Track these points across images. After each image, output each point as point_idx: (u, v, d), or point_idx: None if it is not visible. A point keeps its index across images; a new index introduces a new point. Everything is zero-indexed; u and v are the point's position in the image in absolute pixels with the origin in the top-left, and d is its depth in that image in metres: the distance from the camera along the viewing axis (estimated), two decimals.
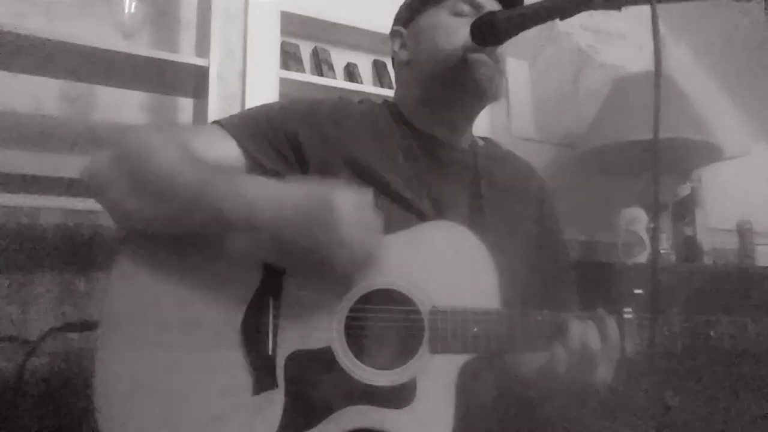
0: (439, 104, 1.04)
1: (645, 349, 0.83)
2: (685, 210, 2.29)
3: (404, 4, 1.12)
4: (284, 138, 0.94)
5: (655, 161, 0.69)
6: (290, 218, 0.76)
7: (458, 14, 1.00)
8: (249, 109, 1.01)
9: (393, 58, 1.13)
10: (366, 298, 0.84)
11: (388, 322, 0.84)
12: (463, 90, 0.99)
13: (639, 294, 0.90)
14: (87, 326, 1.17)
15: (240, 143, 0.92)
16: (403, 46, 1.09)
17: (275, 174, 0.91)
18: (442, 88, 1.01)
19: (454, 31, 0.99)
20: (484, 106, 1.06)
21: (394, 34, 1.11)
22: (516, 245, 1.01)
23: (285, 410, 0.77)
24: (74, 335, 1.21)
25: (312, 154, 0.94)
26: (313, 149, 0.95)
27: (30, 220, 1.61)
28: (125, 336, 0.79)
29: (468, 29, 0.96)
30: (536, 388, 0.92)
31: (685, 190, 2.31)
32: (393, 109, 1.08)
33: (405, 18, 1.09)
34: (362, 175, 0.94)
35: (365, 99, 1.11)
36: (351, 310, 0.83)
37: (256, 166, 0.92)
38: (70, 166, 1.64)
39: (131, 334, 0.79)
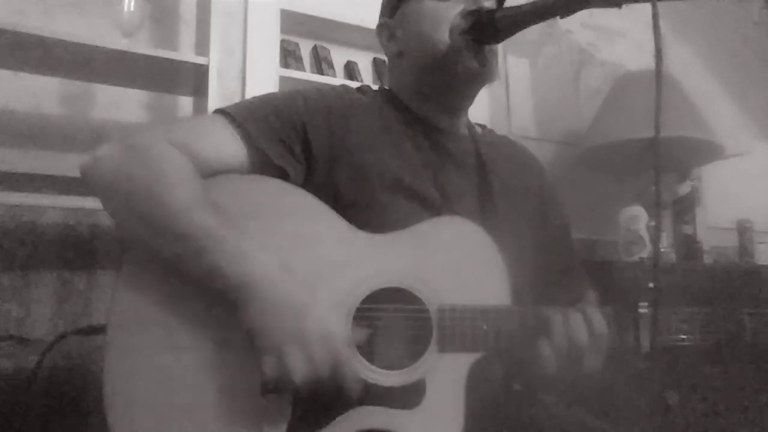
0: (436, 93, 1.02)
1: (651, 346, 0.81)
2: (685, 208, 2.29)
3: None
4: (293, 131, 0.92)
5: (657, 159, 0.69)
6: (268, 307, 0.75)
7: None
8: (255, 99, 0.97)
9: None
10: (373, 297, 0.82)
11: (396, 321, 0.83)
12: (457, 76, 0.98)
13: (651, 289, 0.90)
14: (96, 330, 1.17)
15: (248, 138, 0.89)
16: (391, 38, 1.06)
17: (281, 172, 0.90)
18: (437, 76, 1.00)
19: (439, 17, 0.97)
20: (480, 88, 1.04)
21: (380, 27, 1.09)
22: (525, 231, 1.01)
23: (293, 412, 0.76)
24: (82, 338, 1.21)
25: (319, 148, 0.93)
26: (321, 143, 0.93)
27: (30, 219, 1.60)
28: (133, 340, 0.78)
29: (453, 11, 0.95)
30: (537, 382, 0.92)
31: (685, 188, 2.31)
32: (391, 96, 1.07)
33: (389, 9, 1.07)
34: (369, 169, 0.93)
35: (364, 86, 1.09)
36: (358, 310, 0.81)
37: (261, 163, 0.90)
38: (69, 164, 1.62)
39: (138, 338, 0.78)
